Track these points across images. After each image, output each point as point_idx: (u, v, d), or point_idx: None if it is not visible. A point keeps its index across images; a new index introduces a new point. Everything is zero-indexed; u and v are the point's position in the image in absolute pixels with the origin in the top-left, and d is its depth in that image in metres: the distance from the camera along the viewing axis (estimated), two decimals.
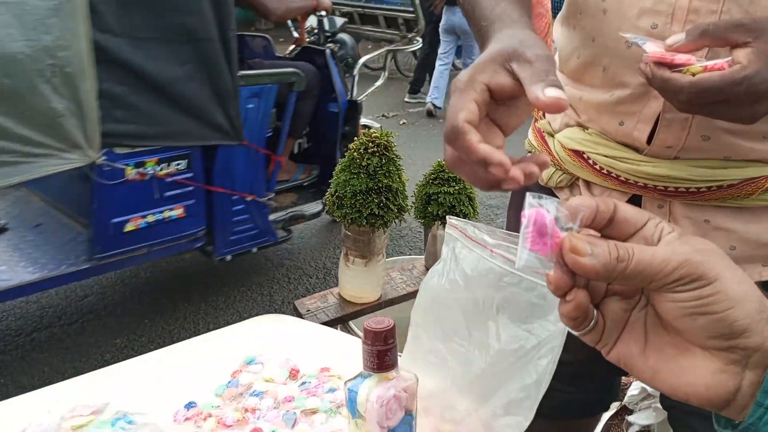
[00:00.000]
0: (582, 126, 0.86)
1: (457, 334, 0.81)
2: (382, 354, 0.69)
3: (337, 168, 1.39)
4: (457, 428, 0.82)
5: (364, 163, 1.33)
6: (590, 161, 0.82)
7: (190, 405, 0.92)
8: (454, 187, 1.51)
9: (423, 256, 1.83)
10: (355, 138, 1.40)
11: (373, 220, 1.34)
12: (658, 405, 1.54)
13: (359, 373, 0.73)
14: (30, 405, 0.89)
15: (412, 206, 1.41)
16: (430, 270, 0.90)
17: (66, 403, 0.90)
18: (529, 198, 0.45)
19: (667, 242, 0.43)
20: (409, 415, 0.72)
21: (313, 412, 0.89)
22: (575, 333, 0.48)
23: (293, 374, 0.99)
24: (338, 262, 1.52)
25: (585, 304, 0.45)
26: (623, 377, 1.53)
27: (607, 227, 0.45)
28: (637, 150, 0.79)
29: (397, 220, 1.40)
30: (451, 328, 0.81)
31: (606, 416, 1.63)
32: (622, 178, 0.79)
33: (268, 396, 0.92)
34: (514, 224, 1.04)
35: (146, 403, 0.91)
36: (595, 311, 0.46)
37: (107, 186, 2.07)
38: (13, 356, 2.55)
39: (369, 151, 1.34)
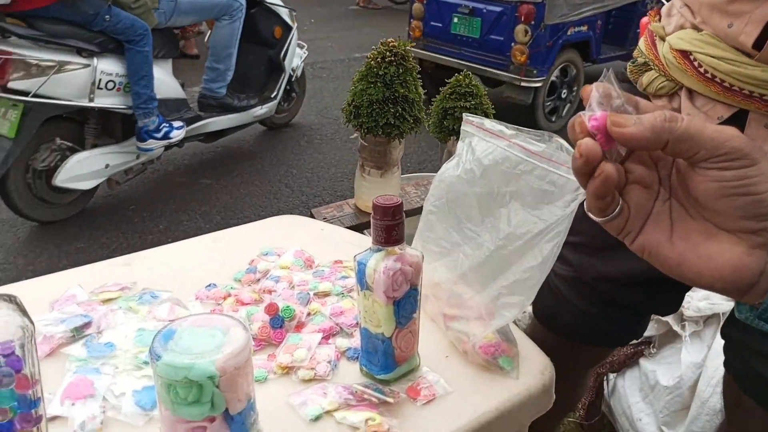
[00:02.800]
0: (695, 28, 0.83)
1: (471, 220, 0.84)
2: (390, 228, 0.73)
3: (355, 77, 1.40)
4: (461, 311, 0.86)
5: (381, 72, 1.34)
6: (696, 63, 0.80)
7: (210, 286, 0.97)
8: (470, 101, 1.52)
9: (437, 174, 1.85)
10: None
11: (389, 130, 1.36)
12: (660, 317, 1.57)
13: (368, 247, 0.77)
14: (62, 282, 0.95)
15: (427, 119, 1.42)
16: (444, 164, 0.92)
17: (97, 282, 0.97)
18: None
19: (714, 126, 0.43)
20: (414, 290, 0.76)
21: (326, 294, 0.94)
22: (600, 220, 0.47)
23: (308, 263, 1.04)
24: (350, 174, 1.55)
25: (613, 178, 0.44)
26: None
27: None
28: (748, 56, 0.77)
29: (412, 132, 1.42)
30: (464, 215, 0.84)
31: None
32: (726, 84, 0.77)
33: (284, 280, 0.97)
34: None
35: (170, 284, 0.97)
36: (620, 199, 0.47)
37: None
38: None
39: (386, 60, 1.34)
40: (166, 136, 2.91)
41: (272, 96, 3.54)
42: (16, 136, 2.43)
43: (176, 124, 2.97)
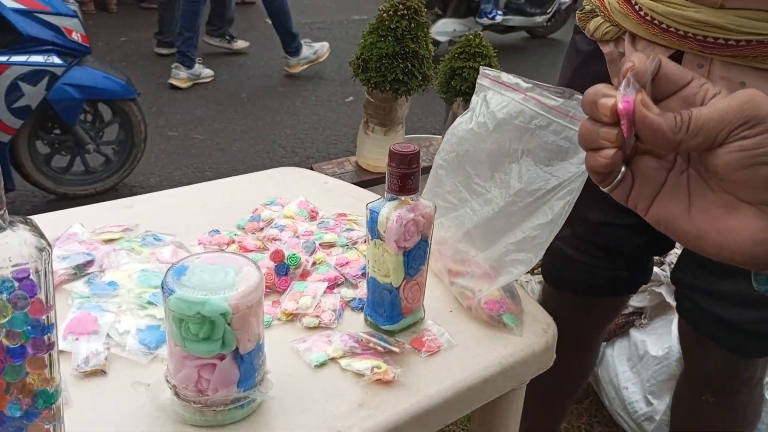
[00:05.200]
0: None
1: (480, 175, 0.83)
2: (406, 177, 0.72)
3: (365, 30, 1.37)
4: (466, 267, 0.86)
5: (392, 26, 1.31)
6: (636, 7, 0.82)
7: (213, 232, 0.96)
8: (479, 62, 1.49)
9: (440, 136, 1.83)
10: None
11: (396, 86, 1.34)
12: (654, 288, 1.59)
13: (381, 196, 0.76)
14: (62, 221, 0.94)
15: (434, 76, 1.39)
16: (457, 118, 0.91)
17: (98, 222, 0.95)
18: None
19: (718, 99, 0.42)
20: (424, 241, 0.76)
21: (330, 245, 0.93)
22: (603, 188, 0.47)
23: (312, 215, 1.03)
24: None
25: (619, 162, 0.44)
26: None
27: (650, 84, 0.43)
28: None
29: (420, 90, 1.40)
30: (473, 170, 0.84)
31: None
32: (664, 25, 0.79)
33: (288, 229, 0.96)
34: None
35: (172, 229, 0.95)
36: (623, 167, 0.45)
37: None
38: None
39: (398, 13, 1.31)
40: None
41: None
42: None
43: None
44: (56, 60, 2.22)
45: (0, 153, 2.26)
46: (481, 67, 0.89)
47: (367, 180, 1.50)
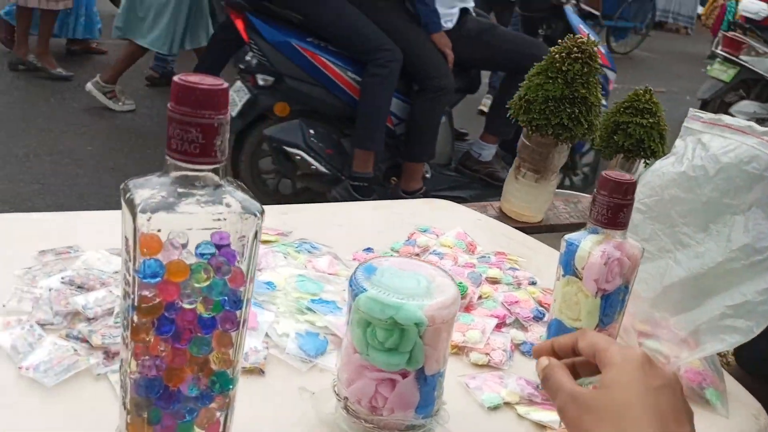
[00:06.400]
0: None
1: (690, 224, 0.72)
2: (618, 208, 0.63)
3: (532, 71, 1.31)
4: (654, 329, 0.75)
5: (564, 68, 1.25)
6: None
7: (368, 250, 0.91)
8: (647, 119, 1.39)
9: (589, 195, 1.72)
10: None
11: (559, 131, 1.26)
12: None
13: (582, 229, 0.67)
14: None
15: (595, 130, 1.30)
16: (658, 161, 0.81)
17: None
18: None
19: None
20: (625, 287, 0.66)
21: (495, 281, 0.85)
22: None
23: (470, 248, 0.95)
24: None
25: None
26: None
27: None
28: None
29: (584, 138, 1.31)
30: (682, 218, 0.73)
31: None
32: None
33: (448, 258, 0.89)
34: None
35: (326, 241, 0.91)
36: None
37: None
38: None
39: (572, 56, 1.25)
40: None
41: None
42: None
43: None
44: None
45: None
46: (690, 110, 0.80)
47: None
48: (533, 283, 0.87)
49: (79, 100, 3.53)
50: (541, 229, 1.47)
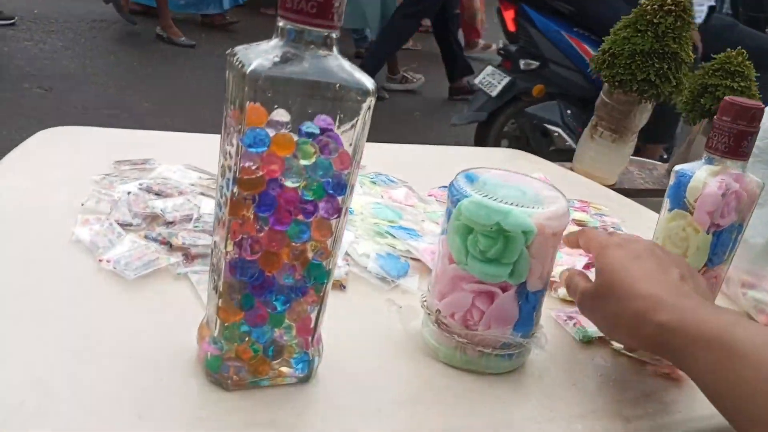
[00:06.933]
0: None
1: None
2: (742, 136, 0.57)
3: (618, 24, 1.24)
4: (760, 281, 0.69)
5: (655, 21, 1.17)
6: None
7: (444, 188, 0.87)
8: (738, 83, 1.30)
9: (661, 163, 1.64)
10: None
11: (645, 88, 1.19)
12: None
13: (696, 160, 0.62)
14: None
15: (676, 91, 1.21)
16: None
17: None
18: None
19: None
20: (740, 225, 0.60)
21: (582, 223, 0.80)
22: None
23: None
24: None
25: None
26: None
27: None
28: None
29: (670, 97, 1.23)
30: None
31: None
32: None
33: None
34: None
35: (401, 176, 0.88)
36: None
37: None
38: None
39: (664, 8, 1.17)
40: None
41: None
42: None
43: None
44: None
45: None
46: None
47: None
48: (619, 229, 0.82)
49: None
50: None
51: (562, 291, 0.65)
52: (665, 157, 2.83)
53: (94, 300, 0.51)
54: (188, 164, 0.76)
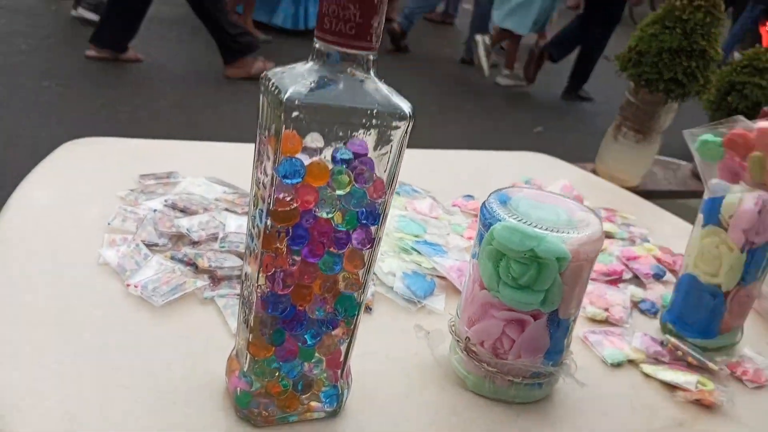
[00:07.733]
0: None
1: None
2: None
3: (645, 20, 1.21)
4: None
5: (684, 17, 1.14)
6: None
7: (468, 197, 0.86)
8: (767, 79, 1.27)
9: (685, 162, 1.61)
10: None
11: (672, 87, 1.16)
12: None
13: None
14: None
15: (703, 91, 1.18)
16: None
17: None
18: None
19: None
20: None
21: (609, 235, 0.79)
22: None
23: (578, 201, 0.89)
24: None
25: None
26: None
27: None
28: None
29: (696, 96, 1.21)
30: None
31: None
32: None
33: None
34: None
35: (425, 185, 0.87)
36: None
37: None
38: None
39: (694, 3, 1.14)
40: None
41: None
42: None
43: None
44: None
45: None
46: None
47: None
48: (647, 241, 0.81)
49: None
50: (637, 195, 1.38)
51: (591, 309, 0.64)
52: None
53: (122, 328, 0.51)
54: (212, 177, 0.76)
